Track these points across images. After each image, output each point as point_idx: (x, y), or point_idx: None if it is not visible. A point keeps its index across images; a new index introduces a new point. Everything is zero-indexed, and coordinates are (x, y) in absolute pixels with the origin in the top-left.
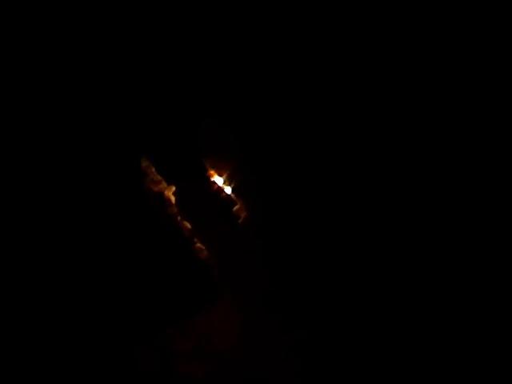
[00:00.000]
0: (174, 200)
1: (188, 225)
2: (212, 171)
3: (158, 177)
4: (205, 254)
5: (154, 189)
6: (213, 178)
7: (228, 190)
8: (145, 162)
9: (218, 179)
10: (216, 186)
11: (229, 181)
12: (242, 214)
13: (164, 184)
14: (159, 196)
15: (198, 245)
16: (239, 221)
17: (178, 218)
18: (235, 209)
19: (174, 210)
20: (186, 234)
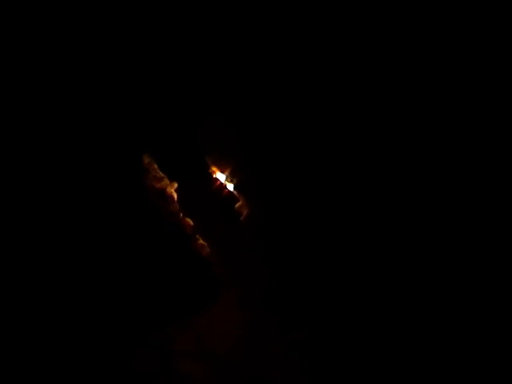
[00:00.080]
0: (176, 197)
1: (190, 221)
2: (214, 168)
3: (160, 174)
4: (207, 250)
5: (156, 186)
6: (215, 175)
7: (230, 186)
8: (147, 159)
9: (221, 176)
10: (218, 183)
11: (231, 177)
12: (244, 210)
13: (166, 181)
14: (161, 193)
15: (200, 241)
16: (241, 218)
17: (181, 214)
18: (237, 205)
19: (176, 206)
20: (189, 230)
